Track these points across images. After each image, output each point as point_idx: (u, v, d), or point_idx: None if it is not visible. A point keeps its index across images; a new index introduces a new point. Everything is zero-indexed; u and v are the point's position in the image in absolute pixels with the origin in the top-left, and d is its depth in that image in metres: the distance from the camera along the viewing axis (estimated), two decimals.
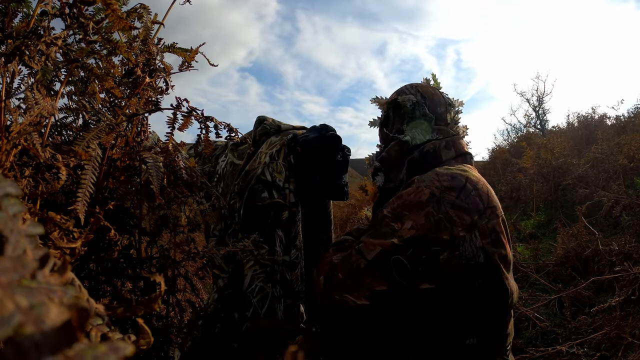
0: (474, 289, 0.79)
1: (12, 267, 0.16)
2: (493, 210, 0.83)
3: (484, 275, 0.79)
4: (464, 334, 0.80)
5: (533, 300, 2.29)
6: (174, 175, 0.85)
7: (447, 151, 0.94)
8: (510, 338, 0.86)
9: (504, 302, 0.82)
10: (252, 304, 1.10)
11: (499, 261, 0.80)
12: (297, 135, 1.25)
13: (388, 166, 1.01)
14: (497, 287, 0.80)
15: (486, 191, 0.85)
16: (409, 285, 0.78)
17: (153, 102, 0.89)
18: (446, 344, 0.80)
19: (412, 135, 0.97)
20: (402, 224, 0.80)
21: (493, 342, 0.83)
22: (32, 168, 0.65)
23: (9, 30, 0.62)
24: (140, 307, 0.28)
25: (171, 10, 0.85)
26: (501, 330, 0.84)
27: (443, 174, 0.84)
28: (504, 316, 0.84)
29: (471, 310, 0.80)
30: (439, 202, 0.79)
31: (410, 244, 0.78)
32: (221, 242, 1.20)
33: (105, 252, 0.76)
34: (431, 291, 0.78)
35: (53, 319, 0.14)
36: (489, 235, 0.80)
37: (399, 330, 0.82)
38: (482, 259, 0.79)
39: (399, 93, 1.03)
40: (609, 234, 3.07)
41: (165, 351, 0.89)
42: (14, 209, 0.23)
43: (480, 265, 0.79)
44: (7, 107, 0.63)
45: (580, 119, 7.32)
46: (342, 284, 0.84)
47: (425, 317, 0.81)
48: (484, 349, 0.81)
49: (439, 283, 0.78)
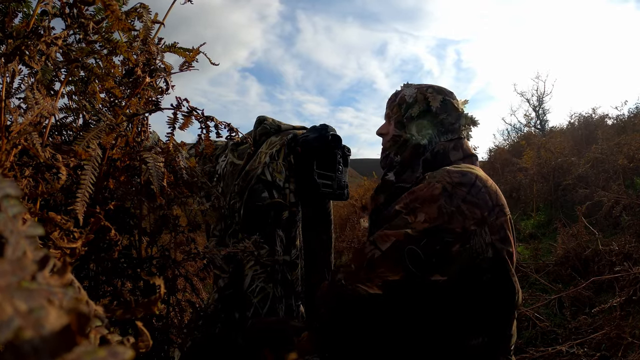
0: (482, 284, 0.80)
1: (11, 270, 0.16)
2: (501, 208, 0.85)
3: (493, 270, 0.81)
4: (470, 333, 0.81)
5: (533, 300, 2.29)
6: (174, 176, 0.84)
7: (455, 152, 0.97)
8: (514, 339, 0.87)
9: (511, 298, 0.83)
10: (252, 304, 1.11)
11: (506, 257, 0.82)
12: (297, 135, 1.25)
13: (403, 166, 1.03)
14: (504, 283, 0.82)
15: (494, 190, 0.87)
16: (421, 276, 0.79)
17: (153, 102, 0.88)
18: (452, 342, 0.81)
19: (428, 138, 0.99)
20: (415, 217, 0.82)
21: (498, 341, 0.83)
22: (32, 168, 0.65)
23: (9, 30, 0.62)
24: (140, 309, 0.28)
25: (173, 11, 0.85)
26: (505, 329, 0.85)
27: (454, 171, 0.86)
28: (510, 314, 0.85)
29: (479, 306, 0.81)
30: (451, 197, 0.81)
31: (424, 234, 0.79)
32: (221, 242, 1.20)
33: (106, 252, 0.76)
34: (442, 284, 0.79)
35: (52, 323, 0.13)
36: (498, 232, 0.82)
37: (408, 326, 0.83)
38: (491, 254, 0.80)
39: (421, 90, 1.03)
40: (609, 234, 3.07)
41: (165, 351, 0.89)
42: (14, 210, 0.23)
43: (489, 260, 0.80)
44: (7, 107, 0.63)
45: (580, 119, 7.31)
46: (355, 274, 0.84)
47: (435, 312, 0.81)
48: (489, 349, 0.81)
49: (450, 275, 0.79)
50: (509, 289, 0.82)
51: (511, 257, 0.84)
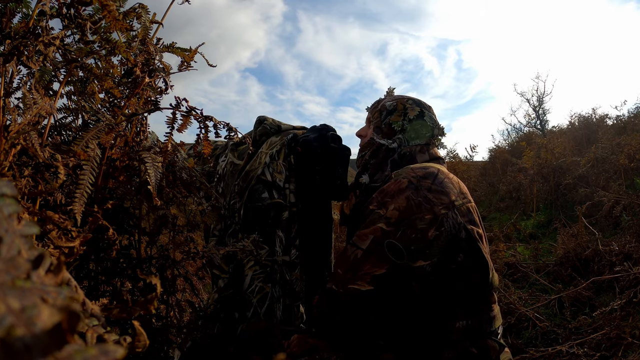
0: (459, 265, 0.85)
1: (5, 268, 0.16)
2: (465, 195, 0.93)
3: (466, 249, 0.86)
4: (454, 316, 0.85)
5: (533, 300, 2.29)
6: (172, 175, 0.84)
7: (422, 155, 1.05)
8: (498, 322, 0.91)
9: (485, 277, 0.87)
10: (252, 304, 1.10)
11: (477, 237, 0.88)
12: (297, 135, 1.25)
13: (375, 167, 1.10)
14: (479, 261, 0.87)
15: (457, 181, 0.95)
16: (405, 265, 0.84)
17: (152, 102, 0.89)
18: (440, 326, 0.85)
19: (398, 142, 1.07)
20: (386, 210, 0.88)
21: (480, 323, 0.87)
22: (31, 168, 0.65)
23: (8, 30, 0.62)
24: (137, 308, 0.28)
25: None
26: (486, 310, 0.89)
27: (417, 167, 0.94)
28: (487, 292, 0.89)
29: (458, 287, 0.85)
30: (417, 188, 0.88)
31: (398, 225, 0.85)
32: (221, 242, 1.20)
33: (105, 252, 0.76)
34: (427, 268, 0.84)
35: (44, 321, 0.13)
36: (467, 215, 0.89)
37: (400, 315, 0.86)
38: (464, 234, 0.86)
39: (401, 101, 1.11)
40: (609, 234, 3.07)
41: (165, 351, 0.89)
42: (9, 209, 0.23)
43: (462, 240, 0.86)
44: (6, 106, 0.63)
45: (580, 119, 7.31)
46: (343, 277, 0.88)
47: (422, 298, 0.85)
48: (473, 331, 0.86)
49: (432, 259, 0.84)
50: (482, 268, 0.87)
51: (481, 238, 0.89)
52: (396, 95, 1.16)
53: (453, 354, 0.83)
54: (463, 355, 0.83)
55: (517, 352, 1.78)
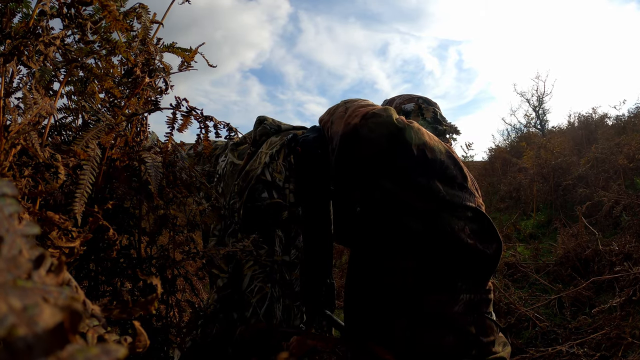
0: (487, 226, 0.89)
1: (7, 268, 0.16)
2: (478, 191, 0.96)
3: (488, 224, 0.90)
4: (463, 276, 0.87)
5: (533, 300, 2.29)
6: (173, 176, 0.84)
7: None
8: (492, 295, 0.94)
9: (500, 248, 0.90)
10: (251, 304, 1.10)
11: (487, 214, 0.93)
12: (297, 135, 1.25)
13: None
14: (496, 235, 0.90)
15: (472, 179, 0.99)
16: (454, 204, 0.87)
17: (152, 102, 0.88)
18: (448, 287, 0.87)
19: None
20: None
21: (480, 301, 0.89)
22: (32, 168, 0.65)
23: (8, 30, 0.62)
24: (137, 309, 0.28)
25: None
26: (487, 291, 0.92)
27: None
28: (493, 268, 0.91)
29: (483, 246, 0.88)
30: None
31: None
32: (221, 242, 1.20)
33: (105, 252, 0.76)
34: (468, 215, 0.87)
35: (46, 320, 0.13)
36: (477, 191, 0.94)
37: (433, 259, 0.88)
38: (471, 213, 0.90)
39: (416, 102, 1.16)
40: (609, 234, 3.07)
41: (165, 351, 0.89)
42: (10, 209, 0.23)
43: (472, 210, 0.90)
44: (6, 106, 0.63)
45: (580, 119, 7.31)
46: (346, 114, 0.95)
47: (455, 246, 0.87)
48: (474, 306, 0.88)
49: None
50: (499, 241, 0.90)
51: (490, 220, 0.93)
52: (406, 95, 1.18)
53: (455, 334, 0.84)
54: (464, 334, 0.85)
55: (517, 352, 1.78)
